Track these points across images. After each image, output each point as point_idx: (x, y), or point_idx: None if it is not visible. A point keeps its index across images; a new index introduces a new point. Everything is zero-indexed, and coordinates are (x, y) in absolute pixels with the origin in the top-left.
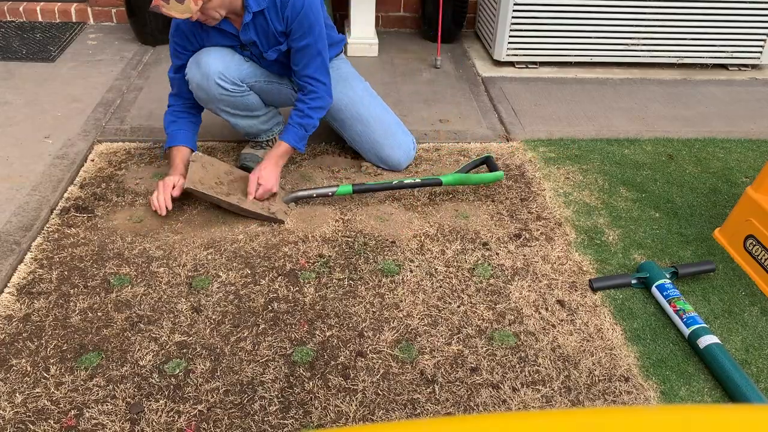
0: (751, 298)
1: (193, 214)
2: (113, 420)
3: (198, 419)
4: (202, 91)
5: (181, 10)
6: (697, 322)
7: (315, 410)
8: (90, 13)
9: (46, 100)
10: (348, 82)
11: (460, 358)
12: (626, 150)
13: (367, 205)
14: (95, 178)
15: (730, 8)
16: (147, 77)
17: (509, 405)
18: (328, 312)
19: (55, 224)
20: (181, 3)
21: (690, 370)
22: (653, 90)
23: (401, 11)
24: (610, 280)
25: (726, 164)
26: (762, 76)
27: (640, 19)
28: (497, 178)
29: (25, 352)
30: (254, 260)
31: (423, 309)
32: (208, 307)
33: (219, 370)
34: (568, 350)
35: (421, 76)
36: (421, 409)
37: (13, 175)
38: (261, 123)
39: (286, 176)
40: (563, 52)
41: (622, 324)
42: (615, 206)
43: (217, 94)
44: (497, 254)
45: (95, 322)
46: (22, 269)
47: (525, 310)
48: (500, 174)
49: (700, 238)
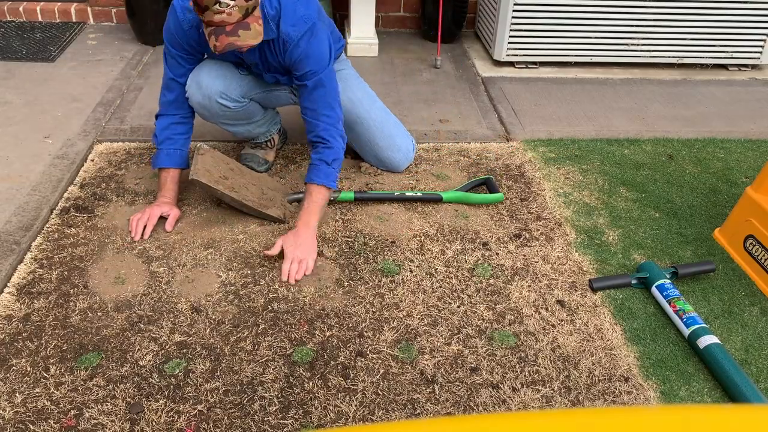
0: (751, 298)
1: (193, 214)
2: (113, 420)
3: (198, 419)
4: (205, 110)
5: (253, 36)
6: (697, 322)
7: (315, 410)
8: (90, 13)
9: (46, 100)
10: (348, 83)
11: (460, 358)
12: (626, 150)
13: (367, 205)
14: (95, 178)
15: (730, 8)
16: (147, 77)
17: (509, 405)
18: (328, 312)
19: (55, 224)
20: (249, 29)
21: (690, 370)
22: (653, 90)
23: (401, 11)
24: (610, 280)
25: (726, 164)
26: (762, 76)
27: (640, 19)
28: (497, 199)
29: (25, 352)
30: (254, 260)
31: (423, 309)
32: (208, 307)
33: (219, 370)
34: (568, 350)
35: (421, 76)
36: (421, 409)
37: (13, 175)
38: (259, 126)
39: (285, 176)
40: (563, 52)
41: (622, 324)
42: (615, 206)
43: (219, 112)
44: (497, 254)
45: (95, 322)
46: (22, 269)
47: (525, 310)
48: (500, 196)
49: (700, 238)
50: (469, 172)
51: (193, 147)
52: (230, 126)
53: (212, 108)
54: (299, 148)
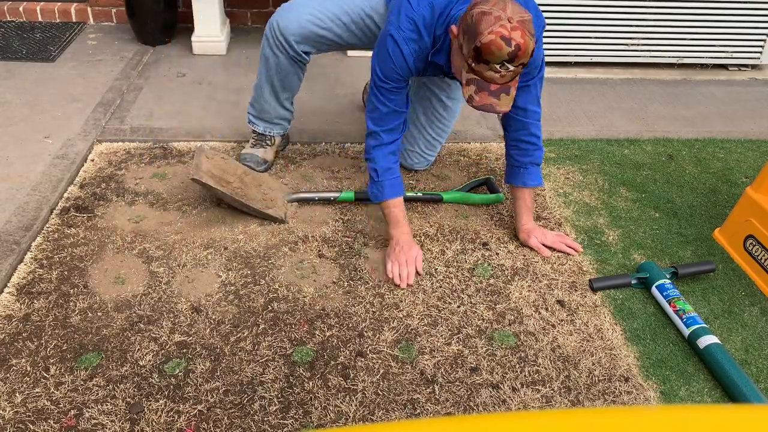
0: (751, 298)
1: (193, 214)
2: (113, 420)
3: (198, 419)
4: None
5: (508, 102)
6: (697, 322)
7: (315, 410)
8: (90, 13)
9: (46, 100)
10: None
11: (460, 358)
12: (626, 150)
13: (367, 205)
14: (95, 178)
15: (730, 8)
16: (147, 77)
17: (509, 405)
18: (328, 312)
19: (55, 224)
20: (508, 94)
21: (690, 370)
22: (653, 90)
23: None
24: (610, 280)
25: (726, 164)
26: (762, 76)
27: (640, 19)
28: (497, 199)
29: (25, 352)
30: (254, 260)
31: (423, 309)
32: (208, 307)
33: (219, 370)
34: (568, 350)
35: None
36: (421, 409)
37: (13, 175)
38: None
39: (285, 176)
40: (563, 52)
41: (622, 324)
42: (615, 206)
43: None
44: (497, 254)
45: (95, 322)
46: (21, 269)
47: (525, 310)
48: (500, 196)
49: (700, 238)
50: (469, 172)
51: (194, 147)
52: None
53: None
54: (299, 148)
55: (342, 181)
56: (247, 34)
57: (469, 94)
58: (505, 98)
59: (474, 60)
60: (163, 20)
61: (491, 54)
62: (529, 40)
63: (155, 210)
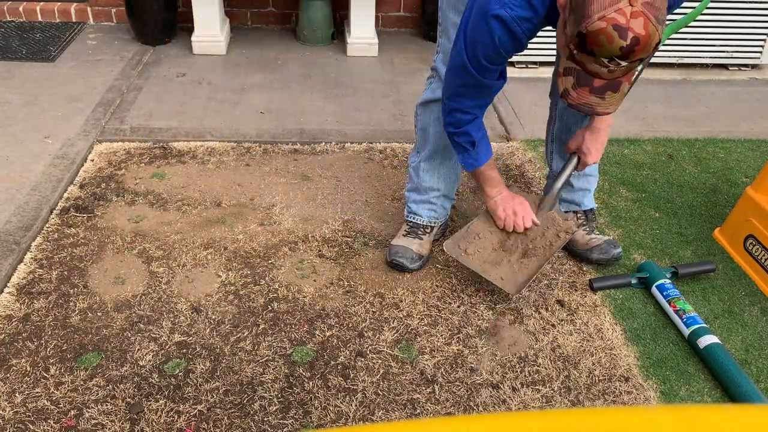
0: (751, 298)
1: (193, 214)
2: (113, 420)
3: (198, 419)
4: None
5: (616, 101)
6: (697, 322)
7: (315, 410)
8: (90, 13)
9: (46, 100)
10: None
11: (460, 358)
12: (626, 150)
13: (367, 205)
14: (95, 178)
15: (730, 8)
16: (147, 77)
17: (509, 405)
18: (328, 312)
19: (54, 224)
20: (617, 92)
21: (690, 370)
22: (653, 90)
23: (401, 11)
24: (610, 280)
25: (726, 164)
26: (762, 76)
27: None
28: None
29: (25, 352)
30: (254, 260)
31: (423, 309)
32: (207, 307)
33: (219, 370)
34: (568, 350)
35: (421, 76)
36: (421, 409)
37: (13, 175)
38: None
39: (286, 176)
40: None
41: (622, 324)
42: (615, 206)
43: None
44: None
45: (95, 322)
46: (21, 269)
47: (525, 310)
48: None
49: (700, 238)
50: None
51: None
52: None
53: None
54: (299, 148)
55: (342, 180)
56: (246, 34)
57: (565, 87)
58: (611, 97)
59: (577, 47)
60: (163, 20)
61: (598, 45)
62: (653, 31)
63: (155, 210)
